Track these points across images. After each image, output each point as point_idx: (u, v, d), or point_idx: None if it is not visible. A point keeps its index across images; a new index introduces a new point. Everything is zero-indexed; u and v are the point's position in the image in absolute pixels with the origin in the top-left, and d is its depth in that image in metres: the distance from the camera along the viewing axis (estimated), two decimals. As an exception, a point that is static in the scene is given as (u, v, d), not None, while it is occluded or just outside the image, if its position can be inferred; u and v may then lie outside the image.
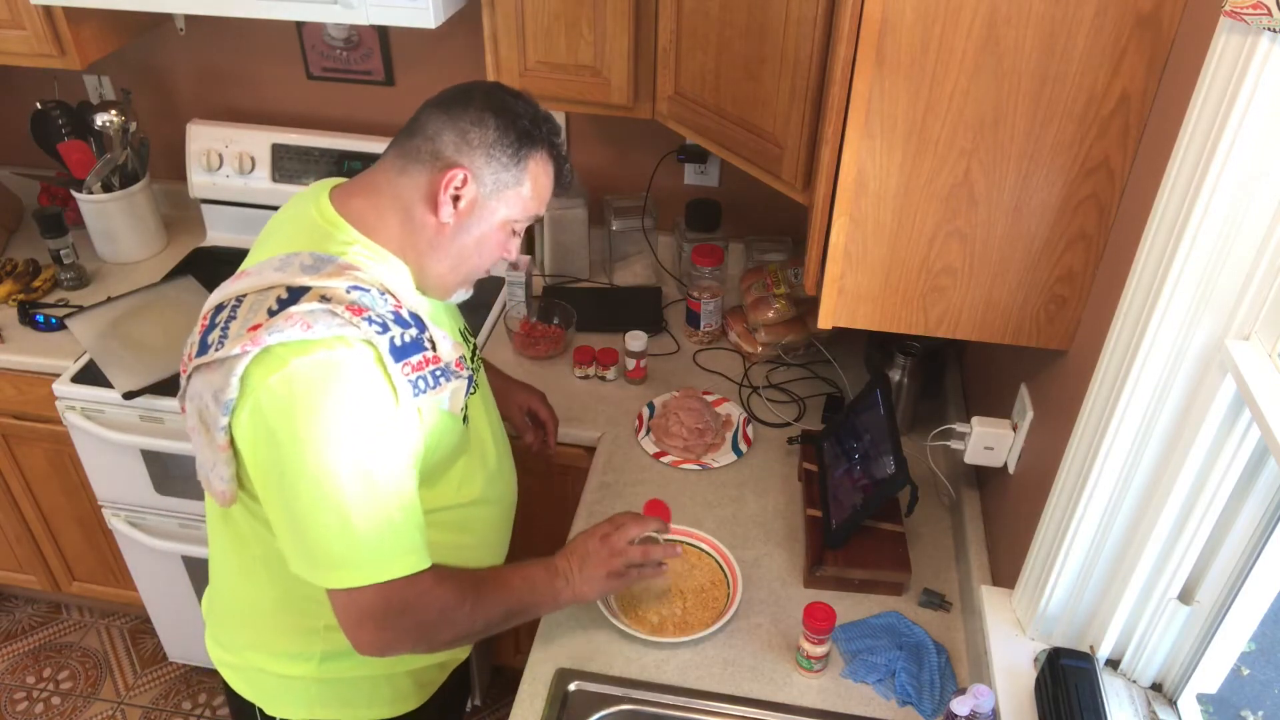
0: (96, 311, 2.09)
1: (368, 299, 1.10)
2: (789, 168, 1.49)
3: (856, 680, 1.39)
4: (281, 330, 1.05)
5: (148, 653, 2.58)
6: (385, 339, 1.10)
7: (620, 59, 1.69)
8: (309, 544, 1.12)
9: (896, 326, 1.32)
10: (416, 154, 1.15)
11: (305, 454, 1.06)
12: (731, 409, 1.88)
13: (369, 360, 1.09)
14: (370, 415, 1.09)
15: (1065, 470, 1.22)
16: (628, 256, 2.26)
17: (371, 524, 1.10)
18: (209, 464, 1.16)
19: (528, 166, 1.18)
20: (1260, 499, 1.08)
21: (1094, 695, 1.18)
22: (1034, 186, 1.17)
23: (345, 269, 1.12)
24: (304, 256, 1.13)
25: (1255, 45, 0.86)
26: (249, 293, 1.11)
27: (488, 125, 1.14)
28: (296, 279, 1.10)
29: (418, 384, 1.14)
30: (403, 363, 1.12)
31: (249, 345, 1.05)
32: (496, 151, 1.15)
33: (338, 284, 1.09)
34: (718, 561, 1.55)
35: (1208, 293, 0.98)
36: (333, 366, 1.06)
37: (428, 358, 1.16)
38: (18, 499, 2.28)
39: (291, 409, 1.06)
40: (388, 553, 1.13)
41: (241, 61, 2.24)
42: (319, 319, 1.06)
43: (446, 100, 1.18)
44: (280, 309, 1.07)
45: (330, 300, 1.08)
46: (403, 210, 1.16)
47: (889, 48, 1.11)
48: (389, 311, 1.12)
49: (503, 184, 1.17)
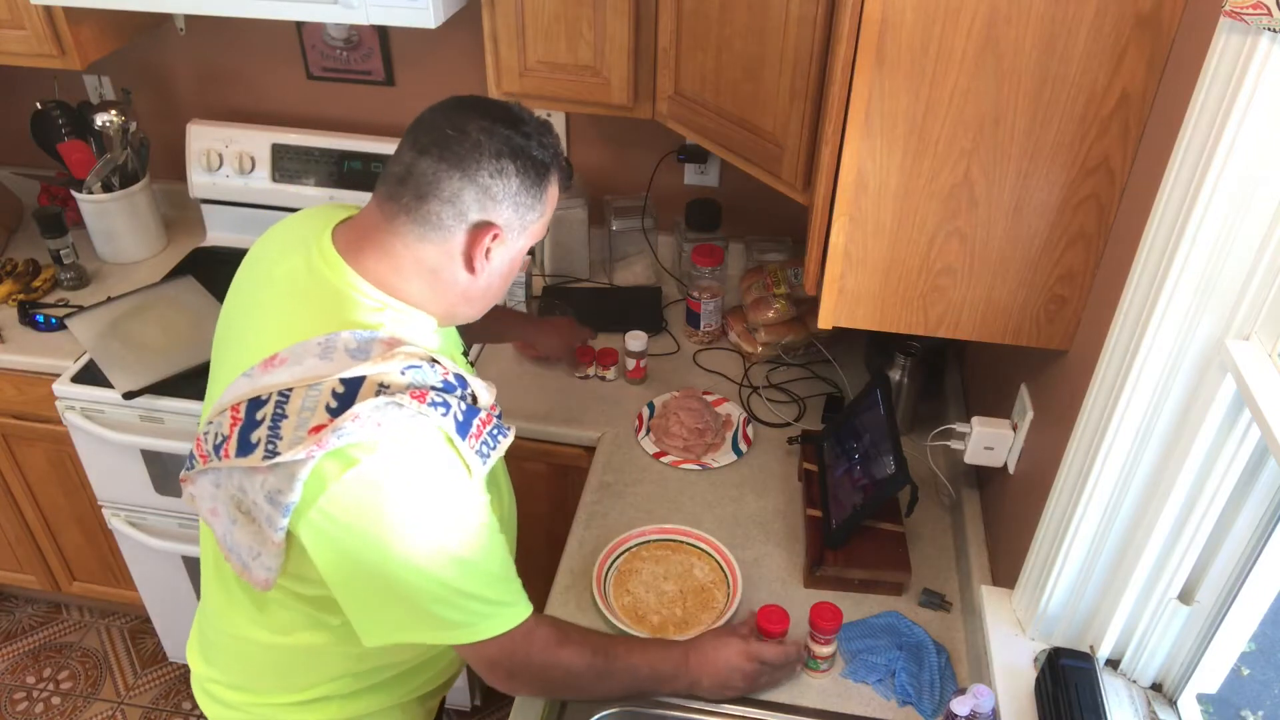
0: (96, 311, 2.09)
1: (423, 376, 1.07)
2: (789, 168, 1.49)
3: (856, 680, 1.39)
4: (351, 433, 1.01)
5: (148, 653, 2.58)
6: (450, 418, 1.08)
7: (620, 59, 1.69)
8: (417, 619, 1.12)
9: (896, 326, 1.32)
10: (437, 219, 1.08)
11: (397, 544, 1.05)
12: (731, 409, 1.88)
13: (443, 446, 1.07)
14: (448, 494, 1.09)
15: (1065, 470, 1.22)
16: (628, 256, 2.26)
17: (474, 587, 1.12)
18: (250, 552, 1.11)
19: (547, 195, 1.15)
20: (1260, 499, 1.08)
21: (1094, 695, 1.18)
22: (1034, 186, 1.17)
23: (391, 346, 1.07)
24: (346, 339, 1.07)
25: (1255, 45, 0.86)
26: (295, 386, 1.05)
27: (509, 175, 1.08)
28: (347, 369, 1.04)
29: (482, 451, 1.13)
30: (468, 437, 1.10)
31: (315, 449, 1.01)
32: (523, 197, 1.11)
33: (392, 367, 1.05)
34: (718, 561, 1.55)
35: (1208, 293, 0.98)
36: (406, 456, 1.04)
37: (483, 420, 1.14)
38: (18, 499, 2.28)
39: (372, 504, 1.04)
40: (493, 609, 1.15)
41: (241, 61, 2.24)
42: (387, 414, 1.02)
43: (449, 149, 1.06)
44: (340, 405, 1.02)
45: (390, 388, 1.04)
46: (429, 273, 1.11)
47: (889, 48, 1.11)
48: (440, 382, 1.09)
49: (528, 223, 1.14)
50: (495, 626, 1.15)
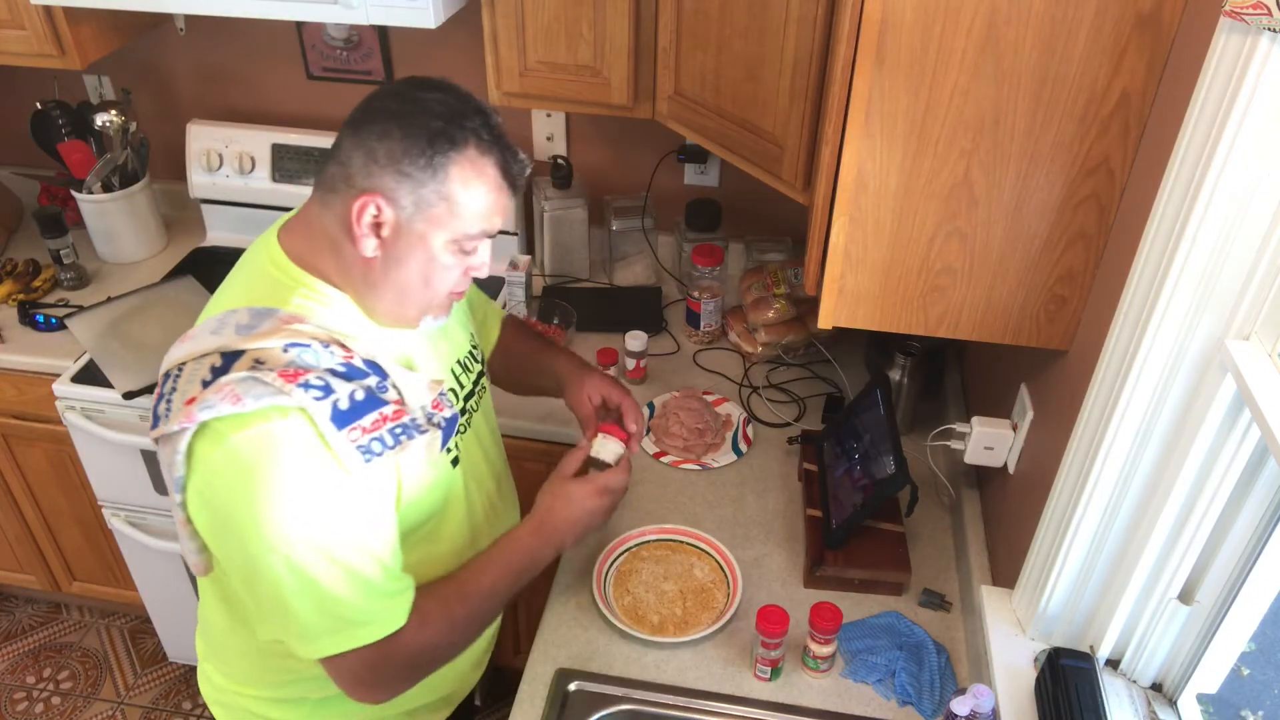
0: (96, 311, 2.09)
1: (309, 356, 1.02)
2: (789, 168, 1.49)
3: (857, 680, 1.39)
4: (213, 405, 0.98)
5: (148, 653, 2.58)
6: (325, 404, 1.00)
7: (620, 59, 1.69)
8: (279, 618, 1.06)
9: (896, 326, 1.32)
10: (332, 182, 1.04)
11: (259, 534, 0.99)
12: (731, 409, 1.88)
13: (306, 431, 1.00)
14: (317, 488, 1.01)
15: (1065, 470, 1.22)
16: (628, 256, 2.26)
17: (339, 592, 1.04)
18: (180, 534, 1.10)
19: (449, 175, 1.02)
20: (1260, 499, 1.08)
21: (1094, 695, 1.18)
22: (1034, 186, 1.17)
23: (286, 323, 1.03)
24: (241, 315, 1.04)
25: (1255, 45, 0.86)
26: (188, 360, 1.03)
27: (393, 137, 1.00)
28: (231, 342, 1.02)
29: (370, 447, 1.04)
30: (350, 427, 1.02)
31: (185, 421, 0.98)
32: (407, 166, 1.00)
33: (274, 344, 1.01)
34: (718, 561, 1.55)
35: (1208, 293, 0.98)
36: (270, 441, 0.98)
37: (385, 414, 1.06)
38: (18, 499, 2.28)
39: (236, 489, 0.99)
40: (360, 618, 1.07)
41: (241, 61, 2.24)
42: (249, 389, 0.98)
43: (355, 113, 1.05)
44: (213, 378, 1.00)
45: (265, 364, 0.99)
46: (332, 246, 1.06)
47: (889, 48, 1.11)
48: (338, 365, 1.03)
49: (425, 203, 1.02)
50: (355, 638, 1.07)
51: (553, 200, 2.14)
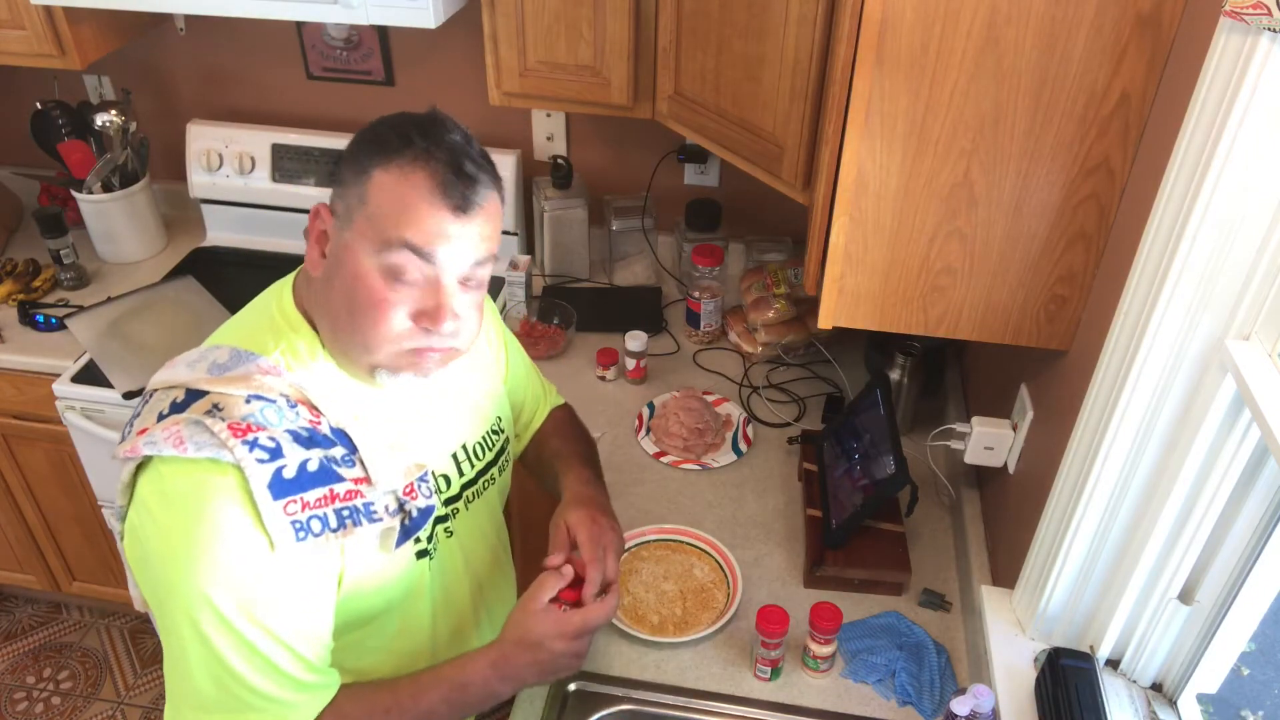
0: (96, 311, 2.09)
1: (270, 413, 0.95)
2: (789, 168, 1.49)
3: (856, 680, 1.39)
4: (155, 443, 0.93)
5: (148, 653, 2.57)
6: (267, 468, 0.93)
7: (620, 59, 1.69)
8: (178, 679, 0.97)
9: (896, 326, 1.32)
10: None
11: (172, 587, 0.92)
12: (731, 409, 1.88)
13: (235, 494, 0.92)
14: (237, 556, 0.92)
15: (1065, 470, 1.22)
16: (628, 256, 2.26)
17: (240, 670, 0.95)
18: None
19: (372, 176, 0.94)
20: (1260, 499, 1.08)
21: (1094, 695, 1.18)
22: (1034, 186, 1.17)
23: (262, 372, 0.98)
24: (221, 353, 1.00)
25: (1255, 45, 0.86)
26: (159, 388, 1.00)
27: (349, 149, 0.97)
28: (199, 380, 0.97)
29: (309, 525, 0.95)
30: (289, 499, 0.94)
31: (129, 453, 0.94)
32: (344, 171, 0.96)
33: (237, 392, 0.95)
34: (718, 561, 1.55)
35: (1208, 293, 0.98)
36: (201, 496, 0.92)
37: (335, 492, 0.97)
38: (18, 499, 2.28)
39: (161, 536, 0.93)
40: (258, 703, 0.97)
41: (241, 61, 2.24)
42: (192, 435, 0.92)
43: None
44: (170, 413, 0.95)
45: (221, 410, 0.94)
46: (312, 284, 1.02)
47: (889, 48, 1.11)
48: (302, 429, 0.97)
49: (349, 208, 0.96)
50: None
51: (553, 200, 2.14)
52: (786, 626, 1.33)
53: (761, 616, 1.33)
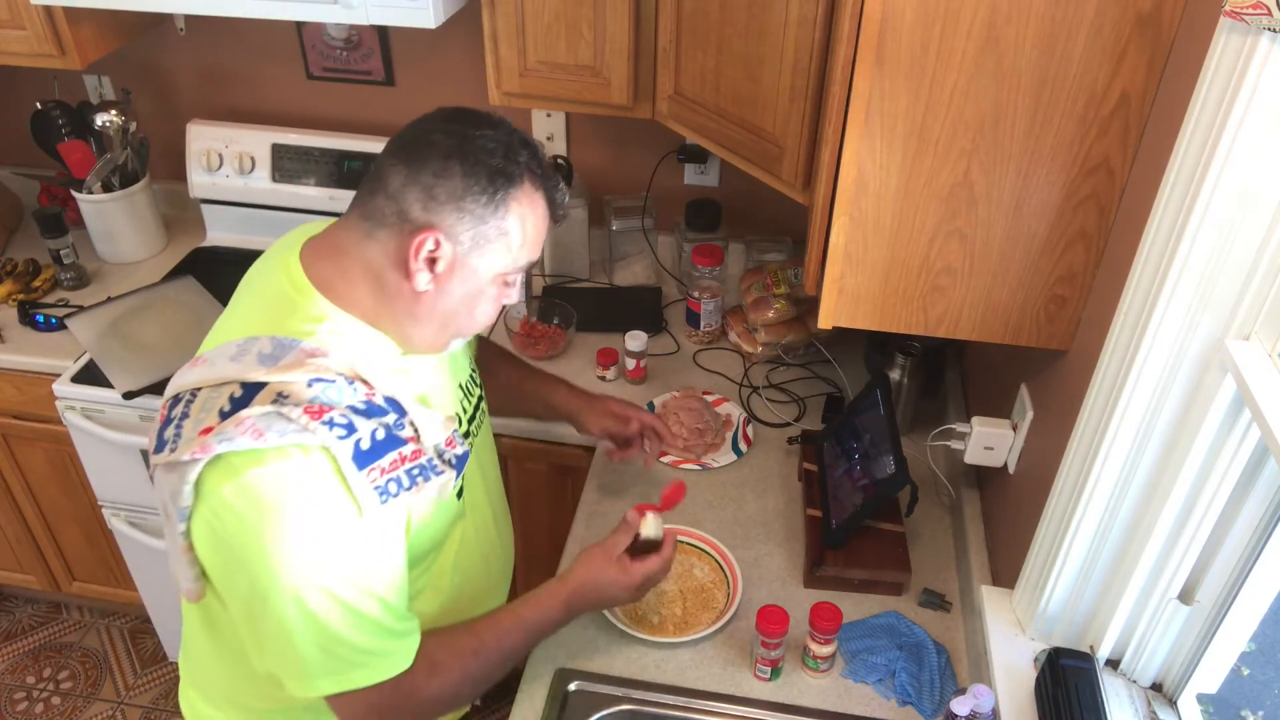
0: (96, 311, 2.08)
1: (333, 392, 1.01)
2: (789, 168, 1.49)
3: (856, 680, 1.39)
4: (231, 439, 0.96)
5: (148, 653, 2.58)
6: (348, 443, 1.00)
7: (620, 59, 1.69)
8: (280, 654, 1.04)
9: (896, 326, 1.32)
10: (382, 216, 1.03)
11: (268, 571, 0.98)
12: (731, 409, 1.88)
13: (326, 471, 0.99)
14: (331, 528, 1.00)
15: (1065, 470, 1.22)
16: (628, 256, 2.26)
17: (345, 632, 1.03)
18: (174, 558, 1.07)
19: (509, 210, 1.04)
20: (1260, 499, 1.08)
21: (1094, 695, 1.18)
22: (1034, 186, 1.17)
23: (308, 357, 1.02)
24: (263, 343, 1.02)
25: (1255, 45, 0.86)
26: (203, 386, 1.02)
27: (453, 174, 1.01)
28: (252, 373, 1.00)
29: (387, 488, 1.04)
30: (369, 468, 1.02)
31: (198, 453, 0.96)
32: (469, 203, 1.02)
33: (297, 377, 0.99)
34: (718, 561, 1.55)
35: (1208, 293, 0.98)
36: (287, 479, 0.97)
37: (404, 454, 1.06)
38: (18, 499, 2.28)
39: (248, 525, 0.97)
40: (361, 660, 1.06)
41: (241, 61, 2.24)
42: (271, 424, 0.96)
43: (406, 146, 1.04)
44: (233, 409, 0.98)
45: (288, 398, 0.98)
46: (374, 278, 1.06)
47: (889, 48, 1.11)
48: (361, 402, 1.03)
49: (483, 238, 1.04)
50: (365, 677, 1.06)
51: (553, 200, 2.13)
52: (786, 626, 1.33)
53: (761, 616, 1.33)
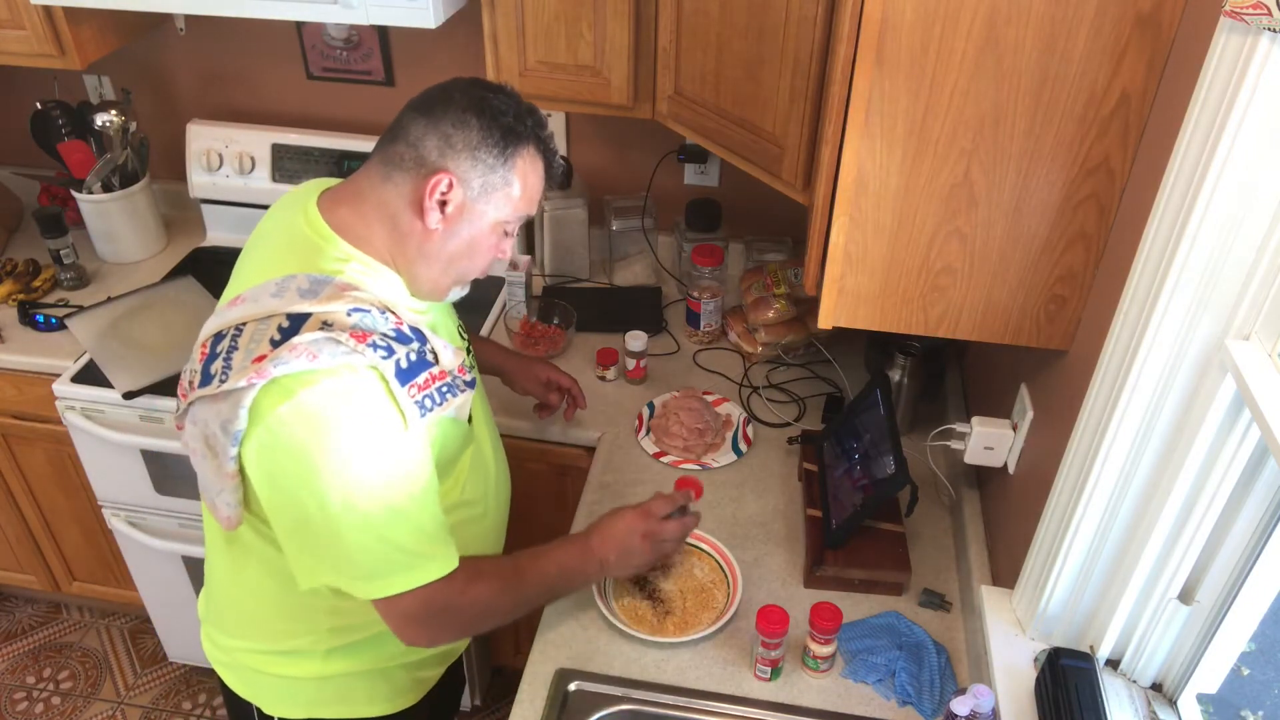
0: (96, 311, 2.09)
1: (370, 320, 1.11)
2: (789, 168, 1.49)
3: (856, 680, 1.39)
4: (287, 362, 1.05)
5: (148, 653, 2.58)
6: (391, 362, 1.11)
7: (620, 59, 1.69)
8: (335, 561, 1.15)
9: (896, 326, 1.32)
10: (400, 160, 1.14)
11: (323, 482, 1.08)
12: (731, 409, 1.88)
13: (377, 387, 1.10)
14: (381, 437, 1.11)
15: (1065, 470, 1.22)
16: (628, 256, 2.26)
17: (398, 535, 1.14)
18: (215, 489, 1.17)
19: (515, 165, 1.16)
20: (1260, 499, 1.08)
21: (1094, 695, 1.18)
22: (1034, 186, 1.17)
23: (344, 290, 1.12)
24: (300, 280, 1.12)
25: (1255, 45, 0.86)
26: (248, 321, 1.11)
27: (470, 126, 1.13)
28: (295, 305, 1.09)
29: (424, 403, 1.15)
30: (409, 385, 1.13)
31: (254, 378, 1.05)
32: (482, 153, 1.13)
33: (338, 308, 1.09)
34: (718, 561, 1.55)
35: (1208, 293, 0.98)
36: (341, 394, 1.07)
37: (433, 374, 1.18)
38: (18, 499, 2.28)
39: (305, 439, 1.07)
40: (416, 560, 1.16)
41: (241, 61, 2.24)
42: (323, 348, 1.06)
43: (427, 102, 1.16)
44: (283, 338, 1.07)
45: (333, 326, 1.08)
46: (389, 218, 1.16)
47: (889, 48, 1.11)
48: (391, 330, 1.13)
49: (491, 186, 1.15)
50: (414, 579, 1.16)
51: (553, 200, 2.14)
52: (786, 626, 1.33)
53: (761, 616, 1.33)
